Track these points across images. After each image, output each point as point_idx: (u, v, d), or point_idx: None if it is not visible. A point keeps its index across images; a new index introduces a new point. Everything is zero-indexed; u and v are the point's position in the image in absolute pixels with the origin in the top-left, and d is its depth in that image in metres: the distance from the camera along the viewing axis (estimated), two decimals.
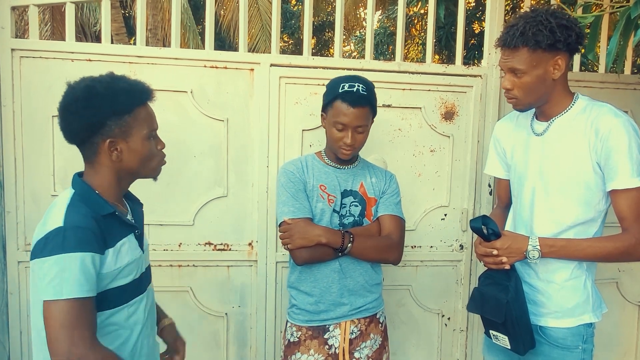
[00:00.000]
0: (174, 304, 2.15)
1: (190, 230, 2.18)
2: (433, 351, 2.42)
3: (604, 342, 2.44)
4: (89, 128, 1.13)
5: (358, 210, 1.66)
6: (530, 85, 1.40)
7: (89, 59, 2.05)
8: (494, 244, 1.40)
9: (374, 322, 1.69)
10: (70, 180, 1.21)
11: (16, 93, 2.01)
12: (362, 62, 2.25)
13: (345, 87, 1.54)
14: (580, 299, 1.46)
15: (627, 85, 2.38)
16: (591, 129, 1.38)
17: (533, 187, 1.50)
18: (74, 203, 1.12)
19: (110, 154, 1.16)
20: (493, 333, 1.49)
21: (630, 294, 2.51)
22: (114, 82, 1.16)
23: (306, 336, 1.64)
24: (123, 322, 1.19)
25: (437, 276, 2.37)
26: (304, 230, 1.54)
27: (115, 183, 1.21)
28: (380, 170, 1.76)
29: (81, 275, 1.03)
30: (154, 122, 1.24)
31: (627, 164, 1.32)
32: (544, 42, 1.34)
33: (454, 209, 2.35)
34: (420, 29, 6.45)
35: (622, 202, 1.35)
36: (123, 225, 1.20)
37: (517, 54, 1.38)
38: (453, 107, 2.30)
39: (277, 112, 2.18)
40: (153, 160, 1.24)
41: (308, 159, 1.70)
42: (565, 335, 1.46)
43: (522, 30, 1.34)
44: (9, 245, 2.06)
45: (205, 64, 2.13)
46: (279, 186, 1.65)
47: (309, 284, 1.63)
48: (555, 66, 1.38)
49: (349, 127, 1.55)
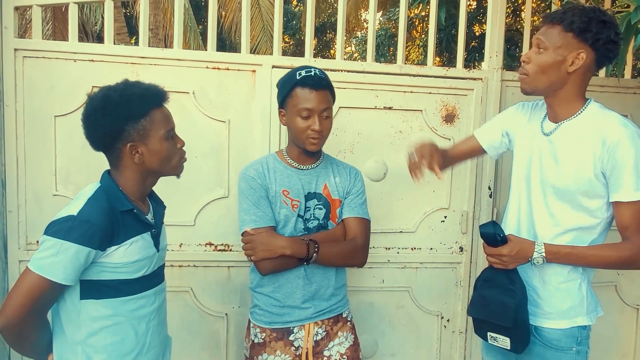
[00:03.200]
0: (175, 304, 2.16)
1: (191, 230, 2.19)
2: (432, 353, 2.43)
3: (602, 345, 2.45)
4: (109, 135, 1.22)
5: (322, 213, 1.63)
6: (545, 64, 1.39)
7: (92, 60, 2.05)
8: (502, 250, 1.41)
9: (341, 321, 1.68)
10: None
11: (19, 93, 2.02)
12: (363, 65, 2.26)
13: (302, 74, 1.51)
14: (575, 302, 1.47)
15: (627, 89, 2.39)
16: (598, 138, 1.37)
17: (535, 189, 1.51)
18: (96, 196, 1.21)
19: (132, 157, 1.24)
20: (492, 335, 1.49)
21: (629, 297, 2.51)
22: (128, 88, 1.23)
23: (271, 338, 1.61)
24: (130, 313, 1.26)
25: (436, 278, 2.38)
26: (267, 241, 1.51)
27: (139, 183, 1.29)
28: (344, 167, 1.72)
29: (69, 264, 1.14)
30: (170, 122, 1.30)
31: (632, 177, 1.33)
32: (577, 26, 1.34)
33: (454, 211, 2.36)
34: (421, 31, 6.47)
35: (626, 213, 1.36)
36: (140, 223, 1.28)
37: (550, 30, 1.39)
38: (454, 110, 2.31)
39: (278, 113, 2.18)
40: (173, 158, 1.31)
41: (269, 161, 1.65)
42: (559, 336, 1.47)
43: (565, 11, 1.37)
44: (10, 245, 2.07)
45: (207, 65, 2.13)
46: (239, 193, 1.60)
47: (271, 289, 1.60)
48: (576, 59, 1.37)
49: (314, 112, 1.50)
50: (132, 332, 1.27)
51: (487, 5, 2.33)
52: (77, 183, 2.05)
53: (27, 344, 1.23)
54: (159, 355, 1.37)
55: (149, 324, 1.31)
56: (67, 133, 2.06)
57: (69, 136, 2.06)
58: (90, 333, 1.22)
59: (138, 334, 1.28)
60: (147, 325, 1.30)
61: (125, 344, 1.26)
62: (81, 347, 1.22)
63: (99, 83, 2.02)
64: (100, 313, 1.22)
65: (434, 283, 2.38)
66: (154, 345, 1.34)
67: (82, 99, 2.05)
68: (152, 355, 1.33)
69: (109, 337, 1.23)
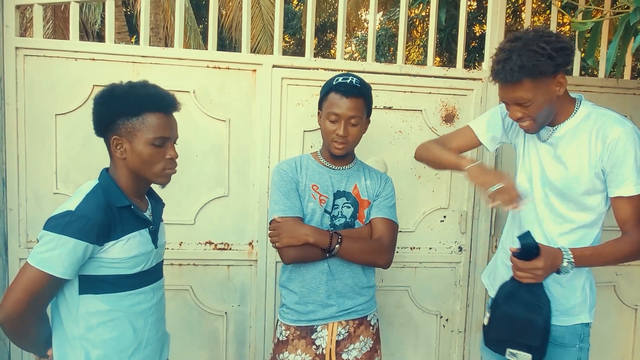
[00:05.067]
0: (174, 303, 2.17)
1: (191, 229, 2.20)
2: (431, 352, 2.44)
3: (601, 345, 2.46)
4: (102, 122, 1.27)
5: (350, 212, 1.65)
6: (540, 110, 1.41)
7: (93, 58, 2.06)
8: (537, 263, 1.32)
9: (364, 325, 1.68)
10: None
11: (20, 91, 2.03)
12: (363, 65, 2.26)
13: (339, 80, 1.58)
14: (580, 299, 1.51)
15: (627, 90, 2.40)
16: (597, 137, 1.41)
17: (539, 191, 1.54)
18: (94, 192, 1.24)
19: (116, 150, 1.26)
20: (511, 351, 1.41)
21: (628, 297, 2.52)
22: (135, 87, 1.27)
23: (294, 336, 1.64)
24: (128, 308, 1.28)
25: (435, 278, 2.39)
26: (293, 229, 1.54)
27: (132, 181, 1.30)
28: (376, 173, 1.75)
29: (67, 258, 1.16)
30: (165, 130, 1.27)
31: (633, 173, 1.37)
32: (548, 70, 1.33)
33: (453, 211, 2.36)
34: (421, 31, 6.47)
35: (626, 207, 1.40)
36: (137, 219, 1.30)
37: (520, 87, 1.37)
38: (454, 110, 2.32)
39: (278, 113, 2.19)
40: (155, 165, 1.28)
41: (303, 159, 1.70)
42: (564, 333, 1.50)
43: (520, 64, 1.32)
44: (10, 243, 2.08)
45: (208, 65, 2.14)
46: (272, 185, 1.66)
47: (298, 284, 1.63)
48: (558, 85, 1.39)
49: (341, 118, 1.55)
50: (130, 327, 1.28)
51: (487, 5, 2.34)
52: (78, 181, 2.06)
53: (26, 338, 1.25)
54: (157, 351, 1.38)
55: (147, 319, 1.33)
56: (67, 132, 2.06)
57: (69, 135, 2.06)
58: (88, 328, 1.23)
59: (136, 330, 1.30)
60: (145, 321, 1.32)
61: (123, 339, 1.27)
62: (80, 342, 1.24)
63: (99, 82, 2.03)
64: (99, 308, 1.24)
65: (433, 283, 2.39)
66: (152, 341, 1.35)
67: (83, 97, 2.06)
68: (150, 351, 1.34)
69: (107, 332, 1.25)
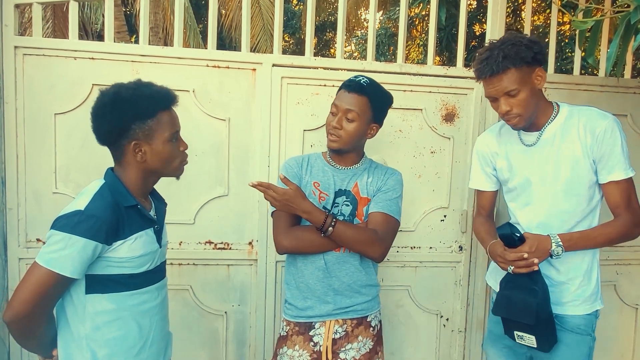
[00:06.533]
0: (174, 302, 2.17)
1: (190, 228, 2.19)
2: (431, 352, 2.43)
3: (601, 344, 2.44)
4: (115, 131, 1.24)
5: (349, 209, 1.66)
6: (527, 99, 1.49)
7: (92, 57, 2.05)
8: (522, 248, 1.47)
9: (363, 325, 1.66)
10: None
11: (19, 90, 2.02)
12: (363, 64, 2.26)
13: (350, 78, 1.63)
14: (595, 288, 1.60)
15: (627, 89, 2.40)
16: (585, 130, 1.51)
17: (539, 192, 1.59)
18: (101, 192, 1.24)
19: (135, 155, 1.26)
20: (518, 334, 1.55)
21: (628, 296, 2.52)
22: (139, 88, 1.26)
23: (293, 331, 1.66)
24: (134, 307, 1.29)
25: (436, 277, 2.38)
26: (295, 197, 1.51)
27: (141, 181, 1.31)
28: (381, 169, 1.73)
29: (77, 258, 1.16)
30: (176, 124, 1.32)
31: (621, 159, 1.50)
32: (528, 57, 1.45)
33: (453, 210, 2.36)
34: (421, 30, 6.47)
35: (616, 192, 1.52)
36: (143, 219, 1.31)
37: (505, 77, 1.46)
38: (454, 109, 2.31)
39: (278, 112, 2.19)
40: (175, 160, 1.33)
41: (312, 157, 1.74)
42: (580, 322, 1.58)
43: (503, 54, 1.44)
44: (9, 242, 2.07)
45: (207, 64, 2.14)
46: (279, 181, 1.67)
47: (297, 280, 1.66)
48: (537, 77, 1.50)
49: (338, 110, 1.59)
50: (136, 326, 1.29)
51: (487, 4, 2.34)
52: (77, 181, 2.06)
53: (32, 338, 1.24)
54: (161, 350, 1.39)
55: (152, 318, 1.34)
56: (67, 131, 2.06)
57: (69, 134, 2.06)
58: (94, 327, 1.24)
59: (142, 329, 1.31)
60: (150, 320, 1.33)
61: (129, 338, 1.28)
62: (86, 342, 1.24)
63: (99, 81, 2.03)
64: (105, 307, 1.24)
65: (433, 282, 2.38)
66: (157, 340, 1.36)
67: (82, 97, 2.06)
68: (155, 350, 1.35)
69: (113, 332, 1.26)
